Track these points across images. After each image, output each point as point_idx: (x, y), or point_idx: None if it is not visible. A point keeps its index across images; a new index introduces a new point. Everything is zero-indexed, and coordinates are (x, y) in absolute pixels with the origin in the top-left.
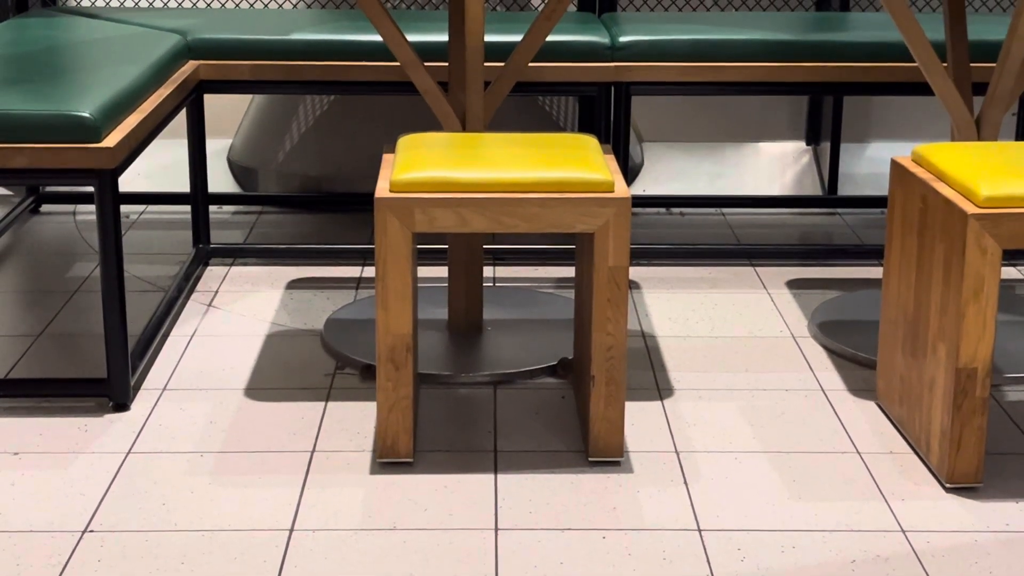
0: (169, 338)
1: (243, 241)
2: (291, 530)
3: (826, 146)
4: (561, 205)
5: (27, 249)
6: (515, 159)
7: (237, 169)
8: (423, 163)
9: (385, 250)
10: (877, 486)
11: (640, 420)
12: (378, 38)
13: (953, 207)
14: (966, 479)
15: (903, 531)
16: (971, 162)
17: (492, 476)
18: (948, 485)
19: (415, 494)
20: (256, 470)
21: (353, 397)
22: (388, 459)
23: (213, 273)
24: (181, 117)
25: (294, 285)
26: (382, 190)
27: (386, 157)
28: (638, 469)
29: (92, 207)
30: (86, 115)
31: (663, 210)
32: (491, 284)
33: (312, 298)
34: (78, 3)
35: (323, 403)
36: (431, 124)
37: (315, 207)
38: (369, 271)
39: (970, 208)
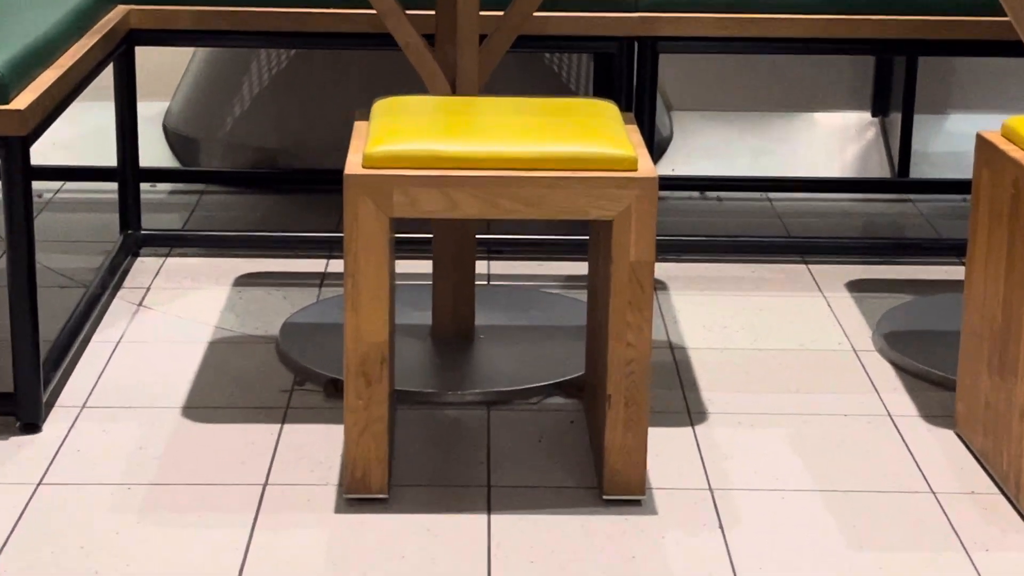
0: (90, 344)
1: (182, 227)
2: None
3: (896, 117)
4: (572, 186)
5: None
6: (516, 129)
7: (175, 138)
8: (403, 133)
9: (356, 239)
10: (956, 533)
11: (666, 450)
12: None
13: None
14: None
15: None
16: None
17: (485, 517)
18: None
19: (390, 538)
20: (196, 507)
21: (315, 419)
22: (357, 495)
23: (145, 265)
24: (107, 75)
25: (244, 281)
26: (353, 165)
27: (358, 125)
28: (663, 510)
29: None
30: None
31: (696, 194)
32: (485, 283)
33: (266, 297)
34: None
35: (278, 425)
36: (413, 85)
37: (270, 186)
38: (336, 265)
39: None
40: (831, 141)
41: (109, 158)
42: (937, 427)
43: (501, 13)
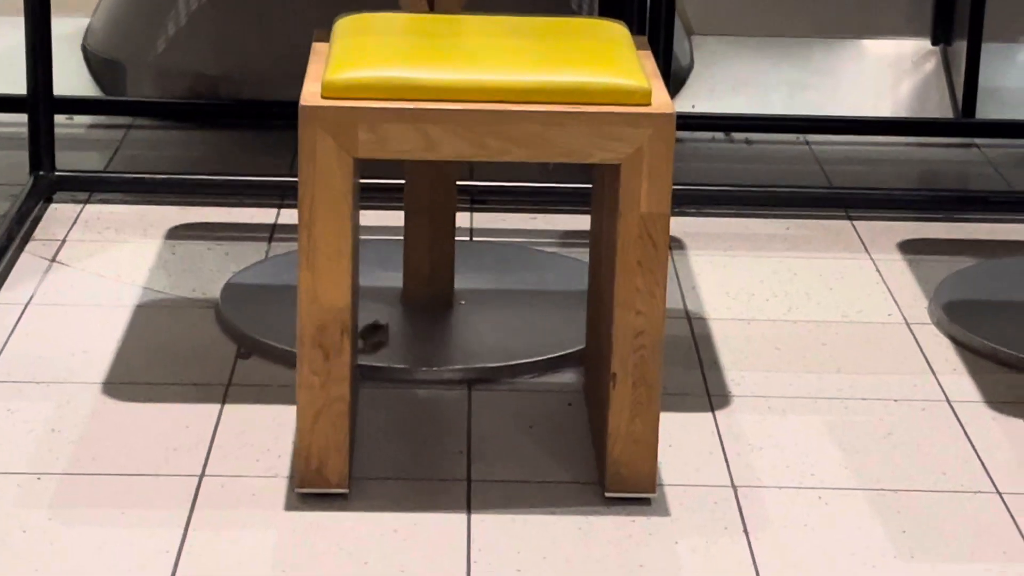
0: None
1: (104, 167)
2: None
3: (961, 46)
4: (572, 123)
5: None
6: (506, 54)
7: (97, 62)
8: (371, 57)
9: (313, 184)
10: None
11: (682, 440)
12: None
13: None
14: None
15: None
16: None
17: (464, 516)
18: None
19: (350, 541)
20: (119, 502)
21: (262, 398)
22: (312, 489)
23: (59, 213)
24: None
25: (178, 233)
26: (310, 95)
27: (316, 47)
28: (678, 511)
29: None
30: None
31: (721, 135)
32: (467, 239)
33: (205, 253)
34: None
35: (218, 406)
36: (383, 0)
37: (210, 120)
38: (289, 215)
39: None
40: (882, 74)
41: (18, 85)
42: (1005, 415)
43: None
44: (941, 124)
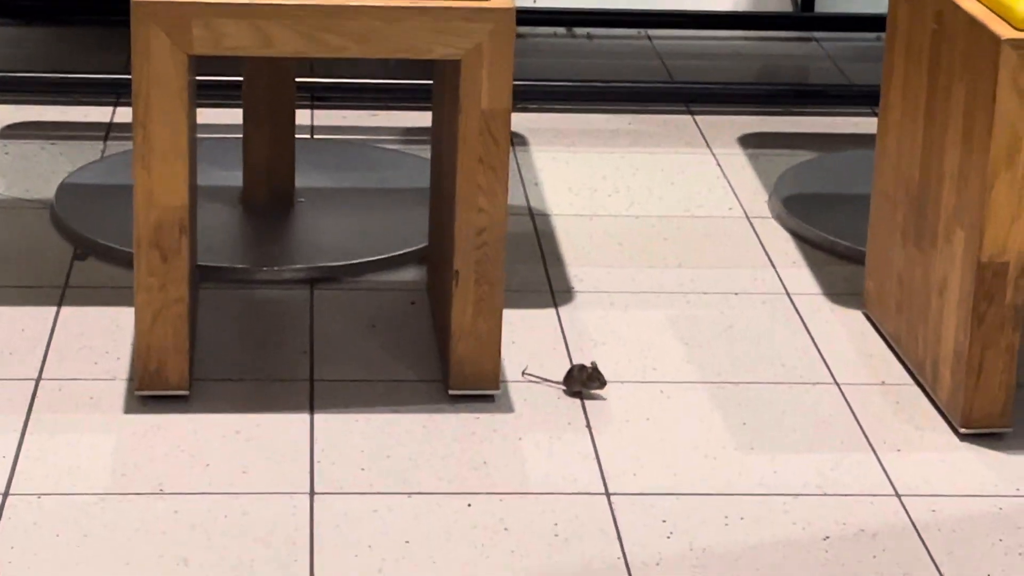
0: None
1: None
2: (5, 495)
3: None
4: (411, 18)
5: None
6: None
7: None
8: None
9: (147, 81)
10: (862, 431)
11: (525, 336)
12: None
13: (981, 29)
14: (988, 422)
15: (898, 495)
16: None
17: (307, 416)
18: (963, 430)
19: (191, 443)
20: None
21: (100, 300)
22: (152, 391)
23: None
24: None
25: (10, 133)
26: None
27: None
28: (521, 407)
29: None
30: None
31: (562, 30)
32: (307, 136)
33: (38, 153)
34: None
35: (54, 308)
36: None
37: (44, 16)
38: (125, 113)
39: (1005, 31)
40: None
41: None
42: (843, 307)
43: None
44: (781, 18)
